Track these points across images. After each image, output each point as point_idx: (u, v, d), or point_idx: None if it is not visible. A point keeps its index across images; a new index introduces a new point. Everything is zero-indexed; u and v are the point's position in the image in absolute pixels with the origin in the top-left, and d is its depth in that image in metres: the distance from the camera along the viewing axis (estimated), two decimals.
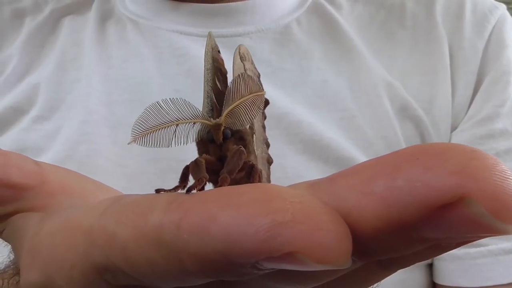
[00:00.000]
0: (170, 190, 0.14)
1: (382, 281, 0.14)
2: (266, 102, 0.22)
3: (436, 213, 0.10)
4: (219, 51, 0.23)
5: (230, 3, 0.42)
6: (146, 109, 0.15)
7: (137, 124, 0.15)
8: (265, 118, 0.23)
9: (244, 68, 0.22)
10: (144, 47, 0.42)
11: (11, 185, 0.15)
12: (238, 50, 0.22)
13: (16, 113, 0.40)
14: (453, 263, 0.37)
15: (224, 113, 0.16)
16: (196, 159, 0.16)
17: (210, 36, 0.23)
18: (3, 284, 0.22)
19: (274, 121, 0.37)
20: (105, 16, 0.45)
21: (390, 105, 0.39)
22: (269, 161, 0.21)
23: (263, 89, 0.24)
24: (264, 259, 0.10)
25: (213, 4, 0.42)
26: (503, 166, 0.10)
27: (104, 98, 0.39)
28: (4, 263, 0.24)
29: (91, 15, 0.44)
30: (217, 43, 0.47)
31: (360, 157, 0.37)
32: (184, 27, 0.42)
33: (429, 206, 0.10)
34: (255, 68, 0.24)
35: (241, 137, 0.17)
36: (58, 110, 0.40)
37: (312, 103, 0.39)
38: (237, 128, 0.17)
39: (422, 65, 0.41)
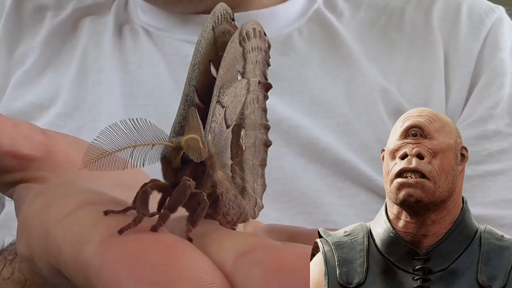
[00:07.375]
0: (119, 212, 0.14)
1: None
2: (267, 144, 0.22)
3: None
4: (233, 19, 0.20)
5: (234, 14, 0.45)
6: (102, 131, 0.14)
7: (90, 148, 0.14)
8: (264, 166, 0.21)
9: (244, 51, 0.20)
10: (156, 54, 0.44)
11: (19, 156, 0.16)
12: (239, 31, 0.20)
13: (39, 108, 0.42)
14: None
15: (185, 138, 0.15)
16: (145, 187, 0.15)
17: (213, 14, 0.20)
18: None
19: (273, 125, 0.38)
20: (122, 22, 0.47)
21: (385, 110, 0.40)
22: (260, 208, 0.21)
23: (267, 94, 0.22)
24: None
25: None
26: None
27: (122, 102, 0.42)
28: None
29: (110, 19, 0.46)
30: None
31: (355, 160, 0.39)
32: (191, 36, 0.43)
33: None
34: (265, 41, 0.21)
35: (201, 162, 0.15)
36: (79, 109, 0.42)
37: (310, 110, 0.41)
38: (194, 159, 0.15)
39: (418, 69, 0.42)
